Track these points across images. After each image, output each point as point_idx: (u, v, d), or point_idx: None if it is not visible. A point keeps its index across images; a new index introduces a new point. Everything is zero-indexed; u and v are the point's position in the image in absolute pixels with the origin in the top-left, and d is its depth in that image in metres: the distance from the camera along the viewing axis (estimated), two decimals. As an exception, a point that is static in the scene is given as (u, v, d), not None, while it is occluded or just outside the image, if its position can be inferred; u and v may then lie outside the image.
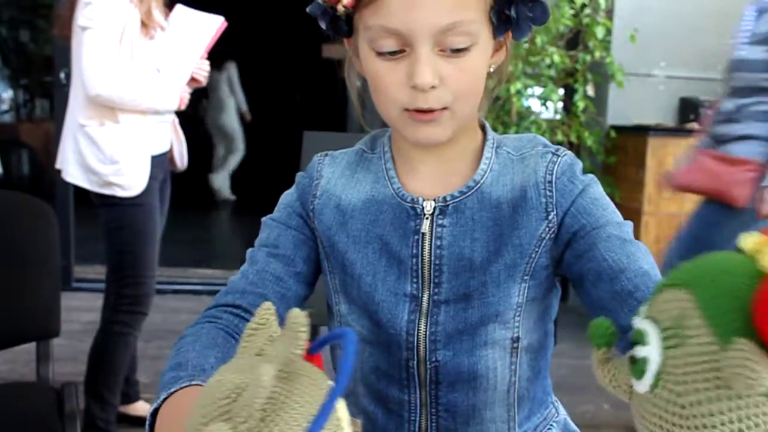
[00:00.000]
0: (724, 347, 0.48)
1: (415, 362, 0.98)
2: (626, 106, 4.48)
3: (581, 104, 4.22)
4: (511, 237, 0.95)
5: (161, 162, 2.62)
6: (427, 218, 0.97)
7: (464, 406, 1.00)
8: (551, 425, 1.09)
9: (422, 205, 0.98)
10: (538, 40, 4.04)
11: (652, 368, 0.52)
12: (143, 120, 2.51)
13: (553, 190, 0.96)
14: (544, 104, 4.24)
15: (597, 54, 4.20)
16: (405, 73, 0.88)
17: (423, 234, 0.97)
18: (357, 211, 1.01)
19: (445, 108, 0.90)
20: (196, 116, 7.43)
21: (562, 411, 1.14)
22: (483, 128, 1.03)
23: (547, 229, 0.95)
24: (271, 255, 1.01)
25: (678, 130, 4.21)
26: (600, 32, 4.16)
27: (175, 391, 0.77)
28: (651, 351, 0.52)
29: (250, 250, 1.04)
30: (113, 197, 2.48)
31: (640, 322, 0.55)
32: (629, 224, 0.96)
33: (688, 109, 4.44)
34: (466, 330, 0.97)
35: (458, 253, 0.96)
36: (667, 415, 0.51)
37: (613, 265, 0.89)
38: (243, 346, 0.56)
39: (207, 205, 7.85)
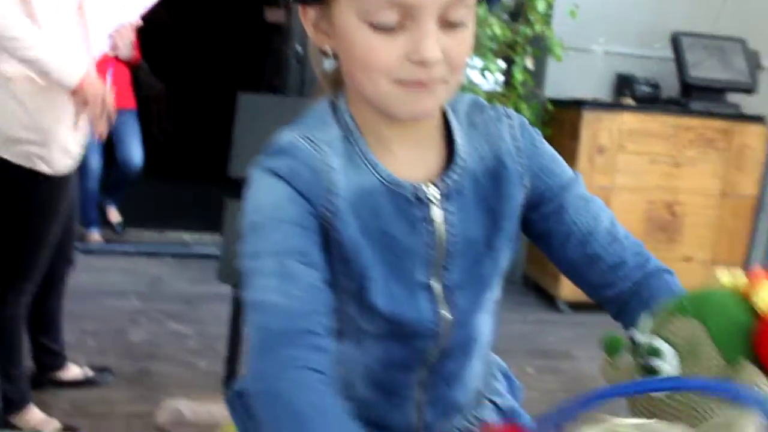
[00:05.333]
0: (731, 366, 0.68)
1: (434, 348, 0.98)
2: (564, 80, 4.52)
3: (520, 77, 4.24)
4: (504, 208, 0.97)
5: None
6: (435, 205, 0.93)
7: (457, 372, 1.01)
8: (493, 368, 1.15)
9: (425, 191, 0.93)
10: (481, 11, 4.03)
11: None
12: None
13: (524, 157, 0.98)
14: (483, 75, 4.25)
15: (537, 27, 4.22)
16: (404, 47, 0.83)
17: (435, 222, 0.93)
18: (357, 206, 0.90)
19: (441, 81, 0.87)
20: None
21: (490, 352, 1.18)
22: None
23: (523, 194, 0.99)
24: (304, 264, 0.86)
25: (613, 105, 4.27)
26: (541, 6, 4.17)
27: None
28: (670, 365, 0.71)
29: (261, 262, 0.87)
30: (30, 171, 2.21)
31: (655, 340, 0.73)
32: (580, 176, 1.03)
33: (624, 84, 4.50)
34: (477, 307, 0.99)
35: (468, 237, 0.95)
36: (681, 415, 0.69)
37: (582, 228, 0.99)
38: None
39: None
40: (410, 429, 1.02)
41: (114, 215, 4.92)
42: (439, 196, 0.93)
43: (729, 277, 0.74)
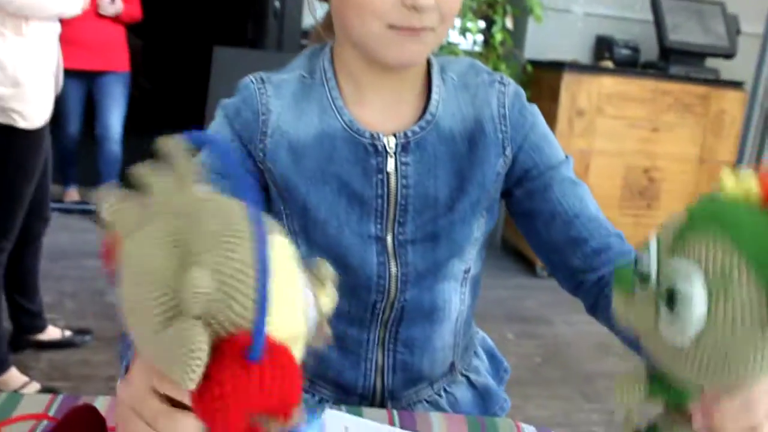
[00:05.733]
0: None
1: (383, 303, 0.98)
2: (543, 41, 4.52)
3: (499, 37, 4.22)
4: (474, 173, 0.96)
5: None
6: (390, 156, 0.94)
7: (421, 339, 1.01)
8: (475, 343, 1.15)
9: (384, 142, 0.93)
10: (461, -31, 4.00)
11: (697, 313, 0.55)
12: (48, 31, 2.26)
13: (507, 125, 0.98)
14: (463, 35, 4.22)
15: (518, -14, 4.19)
16: None
17: (388, 173, 0.94)
18: (309, 149, 0.93)
19: (431, 28, 0.88)
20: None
21: (479, 330, 1.19)
22: None
23: (504, 164, 0.98)
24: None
25: (592, 68, 4.27)
26: (522, -35, 4.15)
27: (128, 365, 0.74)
28: (697, 296, 0.55)
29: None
30: (4, 126, 2.20)
31: (679, 263, 0.57)
32: (571, 159, 1.02)
33: (604, 47, 4.50)
34: (433, 268, 0.98)
35: (423, 193, 0.95)
36: (710, 358, 0.56)
37: (568, 210, 0.97)
38: (119, 228, 0.53)
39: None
40: (374, 393, 1.04)
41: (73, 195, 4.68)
42: (395, 147, 0.94)
43: (737, 181, 0.58)
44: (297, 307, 0.53)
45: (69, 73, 3.91)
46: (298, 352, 0.53)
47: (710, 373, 0.57)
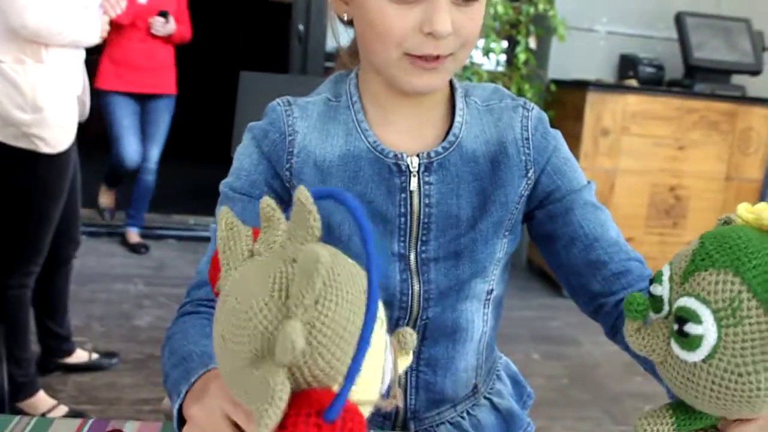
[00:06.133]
0: None
1: (406, 320, 0.99)
2: (567, 61, 4.51)
3: (523, 57, 4.23)
4: (497, 194, 0.97)
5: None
6: (414, 175, 0.95)
7: (444, 358, 1.02)
8: (498, 368, 1.15)
9: (407, 162, 0.95)
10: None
11: (708, 343, 0.60)
12: (68, 57, 2.27)
13: (530, 148, 0.99)
14: (486, 55, 4.23)
15: (541, 7, 4.20)
16: (418, 19, 0.86)
17: (411, 192, 0.96)
18: (334, 168, 0.96)
19: (450, 54, 0.90)
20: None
21: (502, 354, 1.19)
22: None
23: (526, 185, 0.99)
24: None
25: (616, 86, 4.25)
26: (544, -15, 4.16)
27: (196, 380, 0.75)
28: (707, 329, 0.60)
29: (212, 227, 0.94)
30: (28, 151, 2.22)
31: (687, 301, 0.62)
32: (594, 184, 1.03)
33: (628, 65, 4.48)
34: (456, 286, 0.98)
35: (446, 211, 0.96)
36: (722, 381, 0.60)
37: (588, 233, 0.98)
38: (228, 254, 0.56)
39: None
40: (396, 414, 1.03)
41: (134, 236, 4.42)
42: (418, 167, 0.95)
43: (750, 212, 0.64)
44: (378, 374, 0.55)
45: (122, 95, 3.97)
46: (367, 413, 0.55)
47: (722, 397, 0.61)
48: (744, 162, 4.28)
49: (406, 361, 0.61)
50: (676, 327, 0.62)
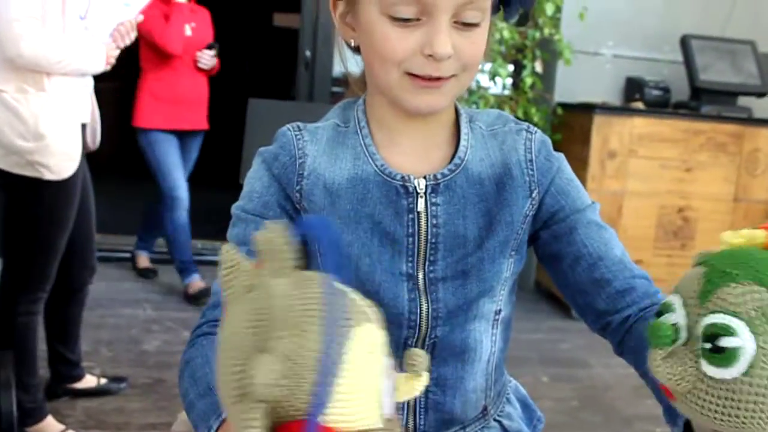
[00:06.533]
0: None
1: (414, 340, 0.99)
2: (573, 84, 4.53)
3: (529, 80, 4.25)
4: (502, 214, 0.99)
5: (84, 136, 2.41)
6: (421, 196, 0.97)
7: (452, 378, 1.02)
8: (508, 391, 1.15)
9: (414, 183, 0.97)
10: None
11: (747, 353, 0.59)
12: (72, 85, 2.28)
13: (534, 169, 1.01)
14: (492, 79, 4.25)
15: (546, 31, 4.22)
16: (419, 41, 0.88)
17: (419, 212, 0.97)
18: (343, 191, 0.98)
19: (452, 76, 0.91)
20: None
21: (511, 378, 1.19)
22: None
23: (531, 206, 1.01)
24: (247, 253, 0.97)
25: (623, 109, 4.26)
26: (550, 9, 4.18)
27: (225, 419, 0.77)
28: (745, 339, 0.59)
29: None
30: (33, 179, 2.22)
31: (715, 317, 0.61)
32: (598, 205, 1.05)
33: (634, 88, 4.50)
34: (464, 305, 0.99)
35: (453, 231, 0.98)
36: (766, 391, 0.59)
37: (593, 252, 0.99)
38: (229, 291, 0.57)
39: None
40: None
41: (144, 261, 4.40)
42: (425, 188, 0.97)
43: (740, 236, 0.66)
44: (369, 399, 0.55)
45: (164, 132, 3.84)
46: None
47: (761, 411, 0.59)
48: (752, 183, 4.28)
49: (419, 383, 0.61)
50: (708, 346, 0.61)
